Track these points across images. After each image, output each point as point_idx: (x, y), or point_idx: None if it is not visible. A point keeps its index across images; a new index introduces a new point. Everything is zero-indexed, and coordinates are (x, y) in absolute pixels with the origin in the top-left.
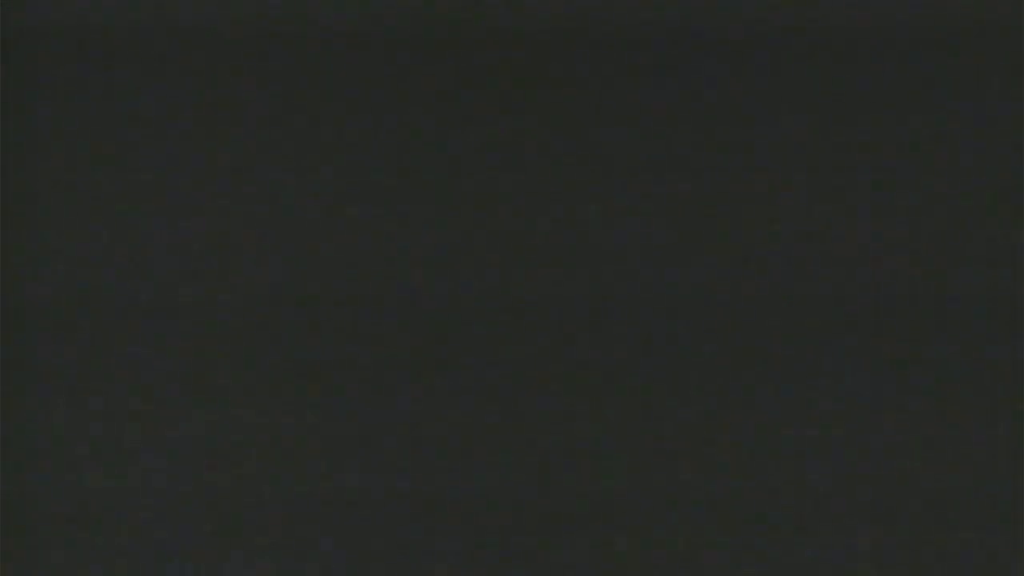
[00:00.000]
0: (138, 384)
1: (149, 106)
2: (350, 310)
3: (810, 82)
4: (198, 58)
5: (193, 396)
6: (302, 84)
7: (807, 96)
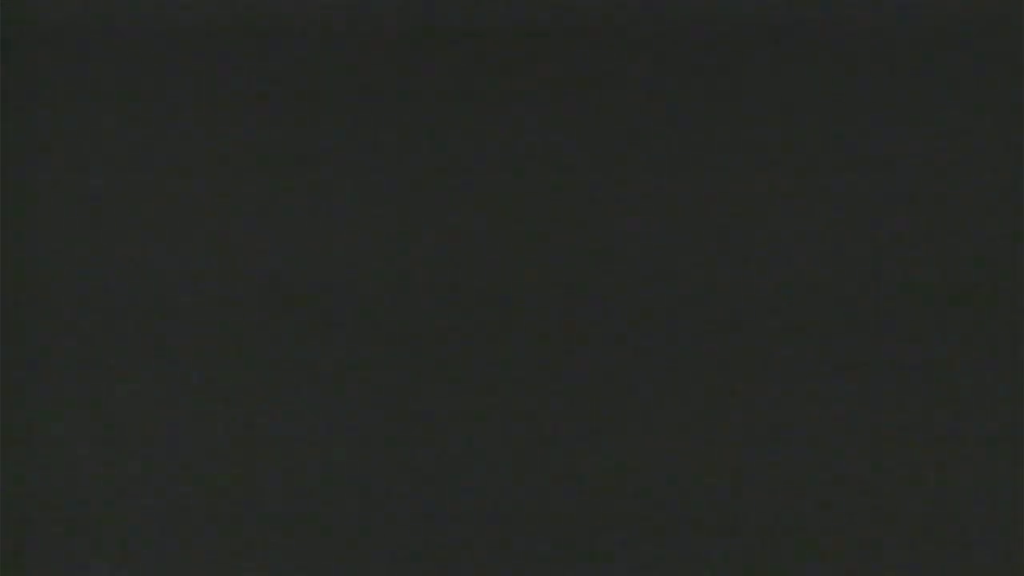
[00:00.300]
0: (138, 383)
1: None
2: (350, 309)
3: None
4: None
5: (193, 396)
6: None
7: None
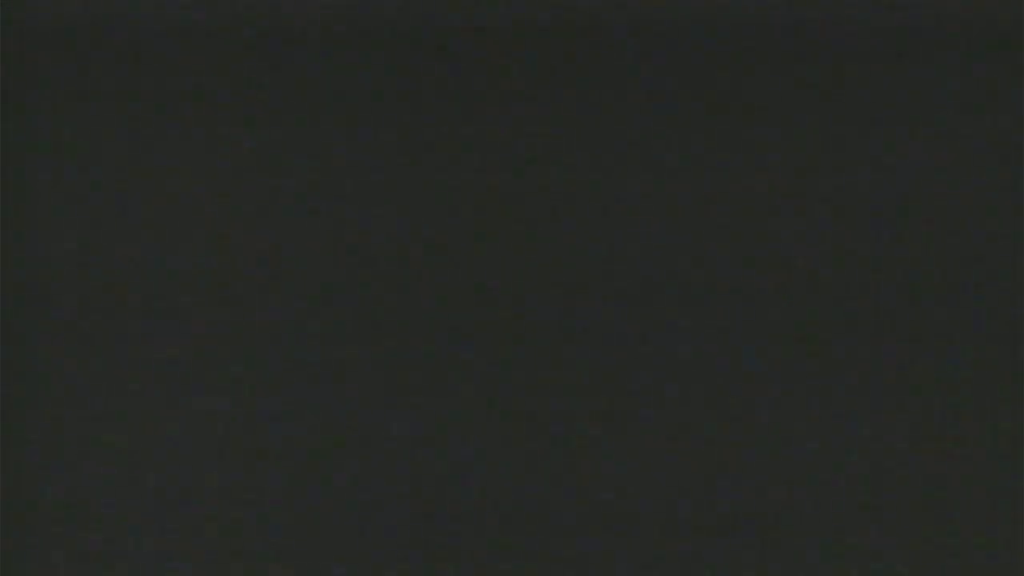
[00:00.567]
0: (138, 383)
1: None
2: (350, 308)
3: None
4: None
5: (193, 396)
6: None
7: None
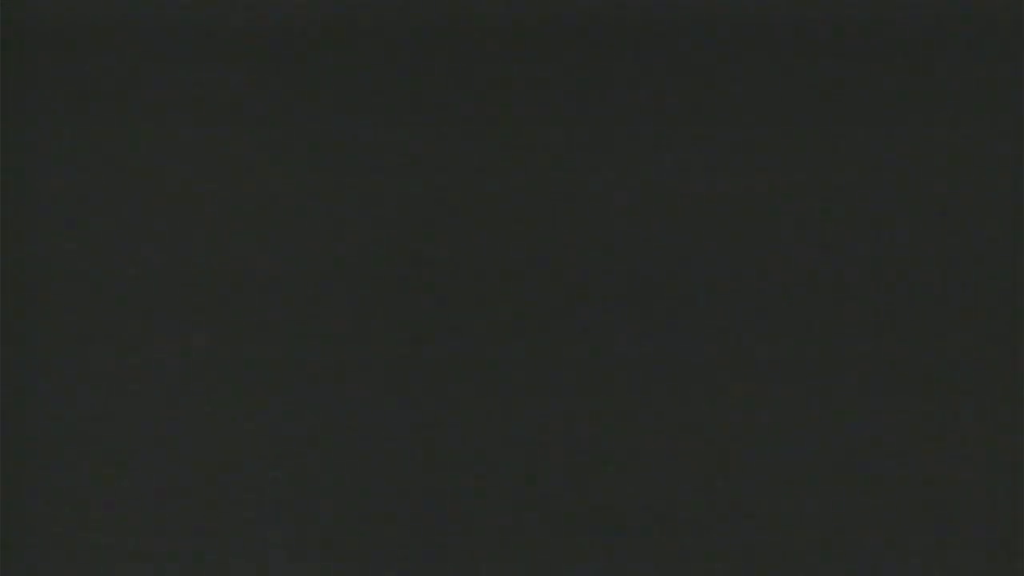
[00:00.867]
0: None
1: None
2: (350, 308)
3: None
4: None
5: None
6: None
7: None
